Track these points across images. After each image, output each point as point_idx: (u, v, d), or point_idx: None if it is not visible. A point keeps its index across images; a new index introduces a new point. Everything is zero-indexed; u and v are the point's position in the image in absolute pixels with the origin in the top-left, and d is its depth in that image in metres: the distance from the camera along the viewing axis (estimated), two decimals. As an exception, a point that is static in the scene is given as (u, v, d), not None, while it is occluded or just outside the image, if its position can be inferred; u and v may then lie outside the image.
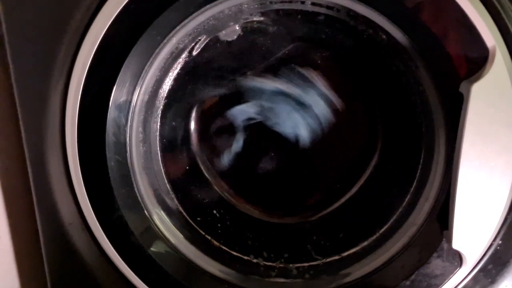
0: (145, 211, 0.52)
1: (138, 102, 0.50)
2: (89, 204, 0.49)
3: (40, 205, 0.52)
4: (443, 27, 0.42)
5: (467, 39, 0.41)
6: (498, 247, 0.47)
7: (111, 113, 0.47)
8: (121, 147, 0.49)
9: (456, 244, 0.44)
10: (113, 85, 0.46)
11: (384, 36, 0.47)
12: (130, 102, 0.49)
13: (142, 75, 0.48)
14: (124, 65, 0.46)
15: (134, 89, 0.49)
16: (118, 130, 0.48)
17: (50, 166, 0.50)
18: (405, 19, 0.44)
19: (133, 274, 0.51)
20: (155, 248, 0.52)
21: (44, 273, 0.55)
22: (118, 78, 0.46)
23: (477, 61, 0.41)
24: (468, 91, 0.40)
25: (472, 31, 0.40)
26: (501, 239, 0.47)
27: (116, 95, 0.47)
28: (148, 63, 0.48)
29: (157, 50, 0.47)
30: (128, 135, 0.50)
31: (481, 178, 0.42)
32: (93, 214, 0.49)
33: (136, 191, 0.51)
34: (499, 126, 0.41)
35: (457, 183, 0.43)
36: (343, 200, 0.58)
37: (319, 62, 0.54)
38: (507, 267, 0.48)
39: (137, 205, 0.52)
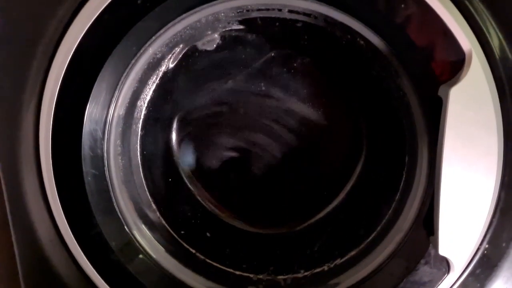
0: (125, 226, 0.51)
1: (115, 115, 0.49)
2: (66, 221, 0.47)
3: (15, 224, 0.50)
4: (419, 32, 0.42)
5: (443, 44, 0.41)
6: (485, 251, 0.47)
7: (87, 127, 0.46)
8: (98, 161, 0.48)
9: (442, 250, 0.44)
10: (88, 97, 0.45)
11: (362, 42, 0.47)
12: (107, 114, 0.48)
13: (118, 86, 0.48)
14: (98, 76, 0.45)
15: (111, 101, 0.48)
16: (95, 143, 0.47)
17: (25, 183, 0.49)
18: (381, 25, 0.44)
19: (114, 293, 0.49)
20: (136, 264, 0.50)
21: (22, 294, 0.53)
22: (93, 90, 0.45)
23: (454, 65, 0.41)
24: (447, 95, 0.40)
25: (447, 35, 0.40)
26: (488, 243, 0.46)
27: (91, 107, 0.46)
28: (124, 74, 0.47)
29: (133, 61, 0.47)
30: (105, 148, 0.49)
31: (464, 182, 0.42)
32: (70, 232, 0.48)
33: (116, 206, 0.50)
34: (478, 129, 0.41)
35: (440, 188, 0.42)
36: (328, 209, 0.57)
37: (299, 68, 0.54)
38: (495, 271, 0.48)
39: (116, 220, 0.50)
